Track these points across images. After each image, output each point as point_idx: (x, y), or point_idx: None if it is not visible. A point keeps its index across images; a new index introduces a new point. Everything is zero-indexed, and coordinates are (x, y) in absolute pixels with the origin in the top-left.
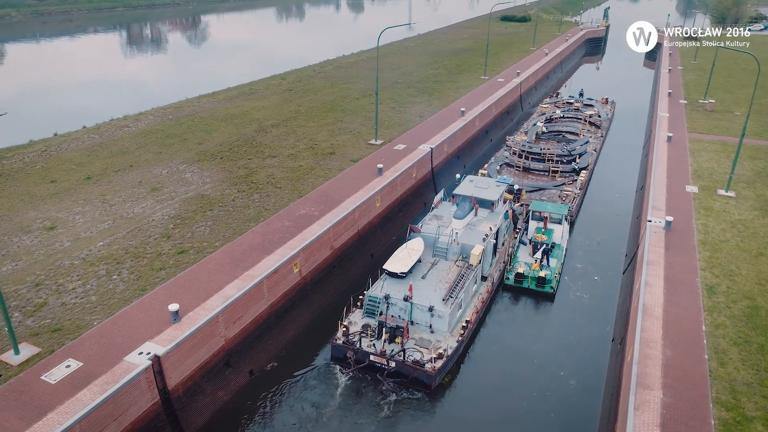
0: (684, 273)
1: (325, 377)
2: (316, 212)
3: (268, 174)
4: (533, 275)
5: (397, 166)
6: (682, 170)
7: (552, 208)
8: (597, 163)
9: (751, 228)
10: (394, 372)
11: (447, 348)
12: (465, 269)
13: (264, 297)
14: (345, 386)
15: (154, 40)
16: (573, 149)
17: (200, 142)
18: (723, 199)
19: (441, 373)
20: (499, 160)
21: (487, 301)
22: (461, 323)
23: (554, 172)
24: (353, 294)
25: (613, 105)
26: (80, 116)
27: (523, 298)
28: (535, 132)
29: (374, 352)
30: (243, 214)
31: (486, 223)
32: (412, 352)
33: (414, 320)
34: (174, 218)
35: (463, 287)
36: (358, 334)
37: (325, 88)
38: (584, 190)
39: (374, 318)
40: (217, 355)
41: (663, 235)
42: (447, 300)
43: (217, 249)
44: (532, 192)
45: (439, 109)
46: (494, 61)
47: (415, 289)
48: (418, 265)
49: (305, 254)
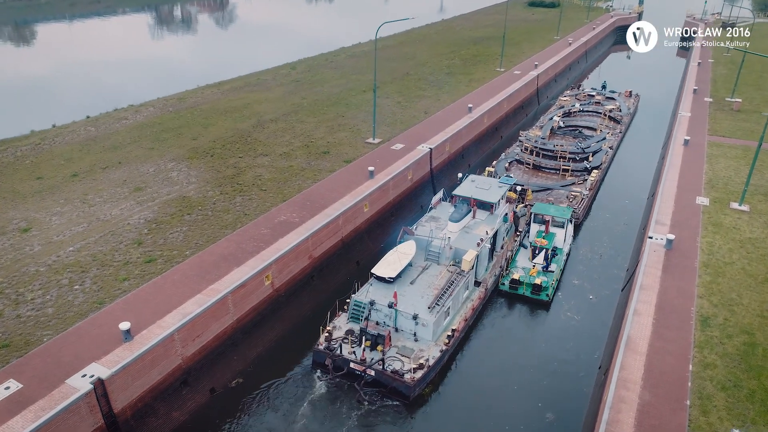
0: (679, 300)
1: (297, 389)
2: (296, 219)
3: (256, 174)
4: (529, 281)
5: (391, 168)
6: (695, 179)
7: (555, 211)
8: (612, 162)
9: (761, 248)
10: (373, 381)
11: (429, 358)
12: (456, 275)
13: (229, 312)
14: (318, 396)
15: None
16: (587, 146)
17: (195, 138)
18: (735, 213)
19: (421, 383)
20: (509, 157)
21: (478, 308)
22: (447, 332)
23: (565, 170)
24: (339, 298)
25: (636, 98)
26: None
27: (518, 306)
28: (551, 127)
29: (354, 360)
30: (221, 220)
31: (483, 227)
32: (393, 361)
33: (399, 327)
34: (150, 222)
35: (452, 294)
36: (340, 340)
37: (333, 79)
38: (594, 191)
39: (359, 323)
40: (173, 375)
41: (662, 255)
42: (433, 308)
43: (186, 258)
44: (538, 192)
45: (448, 104)
46: (515, 51)
47: (401, 296)
48: (409, 269)
49: (279, 265)
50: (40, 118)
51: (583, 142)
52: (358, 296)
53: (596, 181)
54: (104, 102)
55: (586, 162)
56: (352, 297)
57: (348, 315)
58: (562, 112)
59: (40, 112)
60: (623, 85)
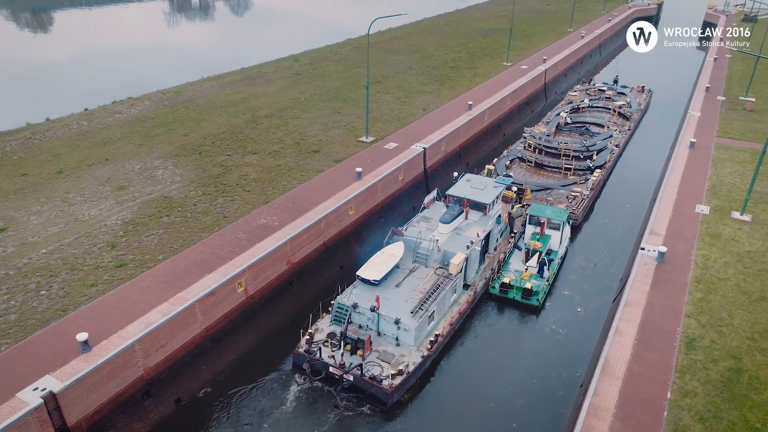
0: (664, 320)
1: (270, 396)
2: (276, 222)
3: (242, 174)
4: (520, 285)
5: (381, 169)
6: (698, 185)
7: (551, 212)
8: (618, 161)
9: (759, 263)
10: (352, 386)
11: (409, 364)
12: (443, 278)
13: (197, 321)
14: (293, 403)
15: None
16: (592, 144)
17: (186, 134)
18: (736, 223)
19: (400, 390)
20: (512, 154)
21: (466, 312)
22: (430, 337)
23: (567, 169)
24: (322, 300)
25: (649, 94)
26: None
27: (507, 311)
28: (557, 123)
29: (333, 364)
30: (199, 222)
31: (475, 228)
32: (372, 366)
33: (381, 331)
34: (127, 224)
35: (437, 299)
36: (321, 344)
37: (335, 72)
38: (596, 191)
39: (341, 326)
40: (134, 386)
41: (653, 268)
42: (416, 312)
43: (159, 263)
44: (537, 191)
45: (449, 100)
46: (524, 45)
47: (386, 299)
48: (396, 271)
49: (253, 272)
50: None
51: (588, 140)
52: (341, 298)
53: (598, 181)
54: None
55: (589, 161)
56: (335, 299)
57: (331, 317)
58: (569, 108)
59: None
60: (639, 79)
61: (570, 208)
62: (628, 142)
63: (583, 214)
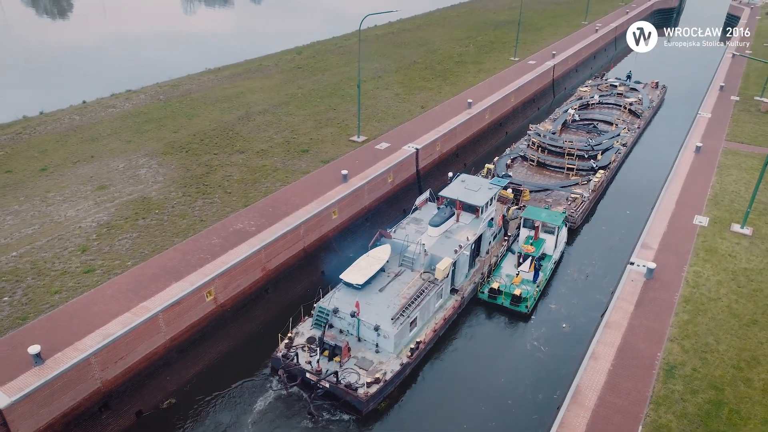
0: (645, 343)
1: (240, 404)
2: (253, 227)
3: (226, 174)
4: (509, 291)
5: (369, 171)
6: (699, 193)
7: (546, 216)
8: (625, 161)
9: (755, 282)
10: (328, 393)
11: (387, 372)
12: (429, 283)
13: (161, 331)
14: (265, 410)
15: None
16: (598, 143)
17: (176, 130)
18: (734, 237)
19: (376, 398)
20: (514, 153)
21: (452, 317)
22: (411, 344)
23: (570, 169)
24: (304, 304)
25: (663, 90)
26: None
27: (495, 317)
28: (564, 120)
29: (310, 370)
30: (174, 226)
31: (465, 231)
32: (349, 374)
33: (362, 337)
34: (102, 226)
35: (420, 305)
36: (299, 348)
37: (336, 66)
38: (598, 193)
39: (322, 330)
40: (90, 399)
41: (641, 286)
42: (396, 319)
43: (127, 269)
44: (537, 192)
45: (449, 97)
46: (535, 38)
47: (367, 304)
48: (381, 274)
49: (223, 280)
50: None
51: (594, 138)
52: (323, 302)
53: (601, 182)
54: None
55: (593, 161)
56: (316, 303)
57: (312, 321)
58: (578, 104)
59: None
60: (656, 75)
61: (569, 211)
62: (636, 142)
63: (583, 218)
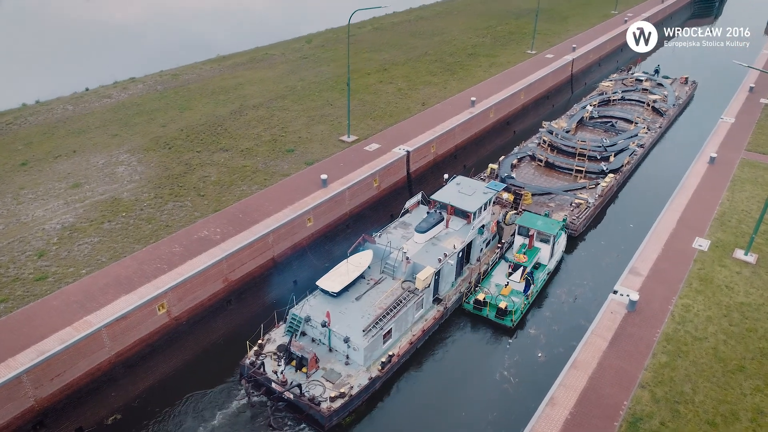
0: (612, 389)
1: (195, 417)
2: (218, 236)
3: (203, 175)
4: (495, 303)
5: (352, 175)
6: (704, 212)
7: (542, 224)
8: (641, 164)
9: (750, 319)
10: (292, 405)
11: (354, 386)
12: (408, 293)
13: (104, 347)
14: (222, 420)
15: None
16: (613, 143)
17: (164, 124)
18: (736, 265)
19: (339, 413)
20: (522, 152)
21: (431, 329)
22: (383, 357)
23: (578, 171)
24: (277, 309)
25: (692, 86)
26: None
27: (479, 330)
28: (580, 117)
29: (275, 380)
30: (138, 231)
31: (454, 238)
32: (314, 386)
33: (333, 347)
34: (65, 229)
35: (396, 316)
36: (266, 356)
37: (343, 57)
38: (605, 199)
39: (296, 337)
40: (23, 417)
41: (620, 318)
42: (368, 331)
43: (80, 278)
44: (540, 195)
45: (454, 94)
46: (558, 29)
47: (341, 313)
48: (360, 281)
49: (178, 292)
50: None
51: (610, 138)
52: (296, 309)
53: (609, 187)
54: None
55: (604, 163)
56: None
57: (285, 328)
58: (598, 101)
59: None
60: (688, 69)
61: (571, 217)
62: (656, 143)
63: (585, 225)
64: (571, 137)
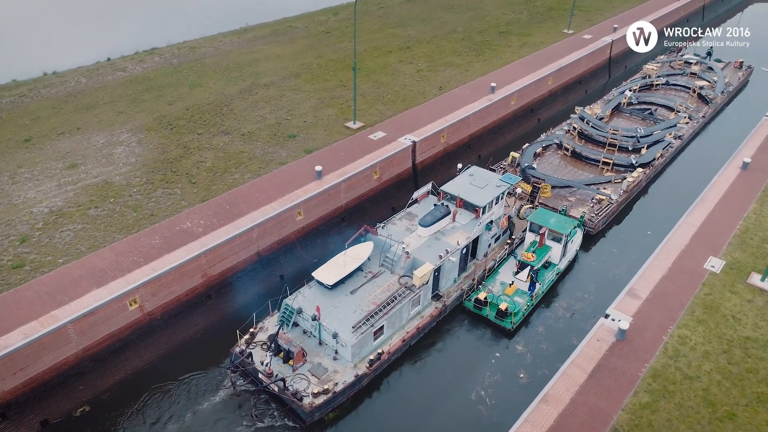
0: (582, 430)
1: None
2: (200, 228)
3: (199, 160)
4: (495, 302)
5: (350, 166)
6: (725, 226)
7: (555, 222)
8: (675, 158)
9: (753, 358)
10: (276, 397)
11: (339, 383)
12: (405, 289)
13: (71, 341)
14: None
15: None
16: (648, 134)
17: (171, 102)
18: (748, 292)
19: (321, 409)
20: (549, 140)
21: (428, 326)
22: (372, 355)
23: (606, 163)
24: (271, 299)
25: (747, 71)
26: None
27: (480, 329)
28: (617, 103)
29: (262, 371)
30: (123, 219)
31: (459, 234)
32: (299, 380)
33: (323, 341)
34: (52, 213)
35: (388, 313)
36: (258, 345)
37: (368, 32)
38: (630, 195)
39: (288, 327)
40: None
41: (606, 347)
42: (358, 328)
43: (56, 267)
44: (560, 189)
45: (476, 77)
46: (603, 5)
47: (333, 307)
48: (358, 273)
49: (152, 288)
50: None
51: (646, 128)
52: (290, 299)
53: (637, 182)
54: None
55: (634, 156)
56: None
57: (278, 318)
58: (639, 85)
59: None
60: (752, 51)
61: (590, 214)
62: (697, 135)
63: (605, 223)
64: (604, 125)
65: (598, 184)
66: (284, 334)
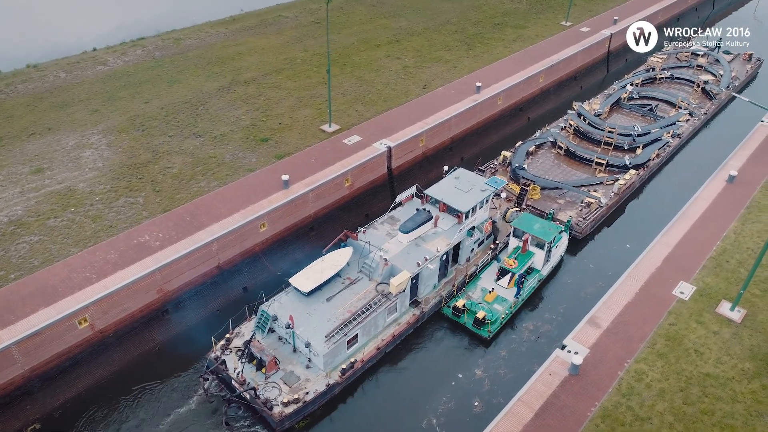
0: None
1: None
2: (158, 242)
3: (166, 166)
4: (474, 309)
5: (320, 175)
6: (701, 247)
7: (538, 229)
8: (672, 158)
9: (710, 398)
10: (248, 404)
11: (310, 392)
12: (381, 296)
13: (16, 362)
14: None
15: None
16: (645, 132)
17: (148, 100)
18: (716, 322)
19: (292, 418)
20: (543, 137)
21: (404, 333)
22: (345, 364)
23: (599, 163)
24: (248, 304)
25: (756, 64)
26: None
27: (457, 337)
28: (618, 97)
29: (235, 378)
30: (80, 231)
31: (439, 240)
32: (271, 388)
33: (297, 349)
34: (11, 223)
35: (363, 321)
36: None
37: (358, 23)
38: (621, 198)
39: (263, 333)
40: None
41: (558, 383)
42: (331, 337)
43: (8, 283)
44: (550, 190)
45: (463, 75)
46: None
47: (308, 314)
48: (336, 280)
49: (105, 305)
50: None
51: (643, 125)
52: (266, 306)
53: (629, 185)
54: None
55: (629, 156)
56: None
57: (254, 324)
58: (642, 78)
59: None
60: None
61: (577, 218)
62: (697, 132)
63: (593, 227)
64: (601, 122)
65: (588, 186)
66: (257, 341)
